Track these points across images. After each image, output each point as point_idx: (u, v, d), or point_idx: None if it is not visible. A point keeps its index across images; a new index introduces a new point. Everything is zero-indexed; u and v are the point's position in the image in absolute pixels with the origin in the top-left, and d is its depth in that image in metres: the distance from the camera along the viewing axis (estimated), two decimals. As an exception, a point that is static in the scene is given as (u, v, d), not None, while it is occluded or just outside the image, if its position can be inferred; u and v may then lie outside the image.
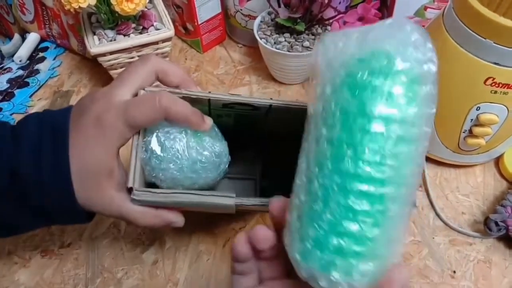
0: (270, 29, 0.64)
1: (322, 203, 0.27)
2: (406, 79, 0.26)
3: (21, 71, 0.72)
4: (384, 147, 0.26)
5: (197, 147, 0.38)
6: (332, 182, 0.26)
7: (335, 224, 0.26)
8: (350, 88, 0.27)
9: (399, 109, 0.26)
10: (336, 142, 0.27)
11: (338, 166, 0.26)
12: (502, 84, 0.44)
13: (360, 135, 0.26)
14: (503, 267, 0.48)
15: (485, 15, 0.41)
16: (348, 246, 0.26)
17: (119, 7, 0.55)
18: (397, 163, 0.26)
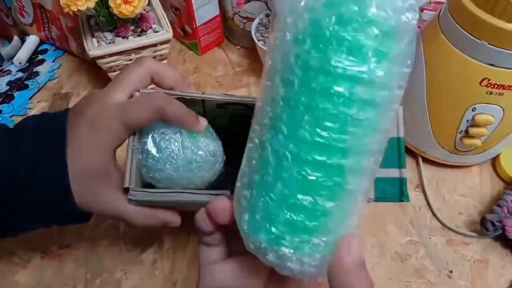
0: (268, 31, 0.64)
1: (274, 172, 0.25)
2: (379, 32, 0.22)
3: (21, 74, 0.72)
4: (347, 111, 0.23)
5: (192, 147, 0.39)
6: (286, 149, 0.24)
7: (287, 196, 0.24)
8: (313, 38, 0.23)
9: (368, 68, 0.23)
10: (293, 103, 0.24)
11: (293, 132, 0.24)
12: (498, 85, 0.45)
13: (320, 97, 0.23)
14: (499, 266, 0.48)
15: (480, 17, 0.41)
16: (300, 220, 0.24)
17: (117, 10, 0.55)
18: (360, 131, 0.24)
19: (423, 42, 0.49)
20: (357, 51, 0.22)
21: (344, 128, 0.23)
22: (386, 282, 0.47)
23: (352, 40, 0.22)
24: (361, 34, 0.22)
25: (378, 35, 0.22)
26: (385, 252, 0.50)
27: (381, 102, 0.24)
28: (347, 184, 0.24)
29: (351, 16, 0.22)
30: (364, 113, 0.23)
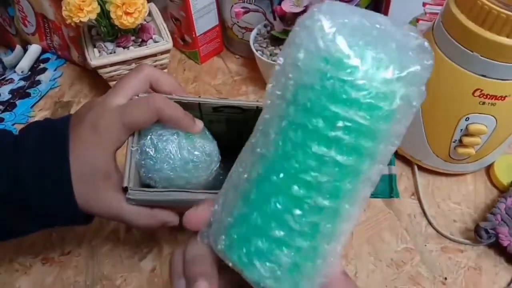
0: (266, 41, 0.65)
1: (250, 207, 0.26)
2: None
3: (23, 82, 0.73)
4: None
5: (189, 148, 0.40)
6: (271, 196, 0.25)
7: (264, 228, 0.25)
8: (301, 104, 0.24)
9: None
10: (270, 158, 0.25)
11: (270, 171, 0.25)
12: (490, 95, 0.45)
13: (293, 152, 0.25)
14: (493, 274, 0.49)
15: (472, 29, 0.42)
16: (273, 252, 0.25)
17: (118, 21, 0.56)
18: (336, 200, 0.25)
19: (418, 53, 0.50)
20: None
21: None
22: (381, 288, 0.48)
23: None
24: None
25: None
26: (380, 259, 0.50)
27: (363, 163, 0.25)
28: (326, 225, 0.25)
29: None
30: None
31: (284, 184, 0.25)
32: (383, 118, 0.24)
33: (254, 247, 0.25)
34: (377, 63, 0.23)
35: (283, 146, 0.25)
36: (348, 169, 0.25)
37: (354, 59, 0.23)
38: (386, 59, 0.23)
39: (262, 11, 0.63)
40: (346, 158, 0.24)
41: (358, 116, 0.23)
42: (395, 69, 0.23)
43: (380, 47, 0.23)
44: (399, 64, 0.23)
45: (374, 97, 0.23)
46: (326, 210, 0.25)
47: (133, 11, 0.56)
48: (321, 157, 0.24)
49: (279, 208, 0.25)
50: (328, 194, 0.25)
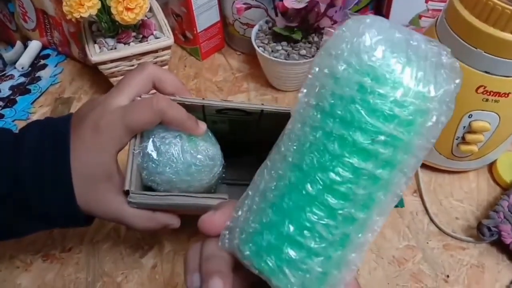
0: (267, 37, 0.65)
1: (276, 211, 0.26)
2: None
3: (23, 78, 0.73)
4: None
5: (191, 151, 0.39)
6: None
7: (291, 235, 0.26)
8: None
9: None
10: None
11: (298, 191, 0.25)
12: (493, 92, 0.45)
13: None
14: (495, 271, 0.49)
15: (476, 26, 0.42)
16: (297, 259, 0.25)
17: (119, 16, 0.56)
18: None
19: (420, 50, 0.50)
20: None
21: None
22: (383, 286, 0.48)
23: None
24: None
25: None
26: (382, 257, 0.50)
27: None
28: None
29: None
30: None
31: (319, 195, 0.25)
32: (419, 133, 0.25)
33: (286, 255, 0.25)
34: (417, 80, 0.24)
35: (320, 157, 0.25)
36: (383, 182, 0.25)
37: (397, 75, 0.24)
38: (425, 76, 0.24)
39: (264, 7, 0.63)
40: (382, 171, 0.25)
41: (398, 131, 0.24)
42: (433, 87, 0.24)
43: (418, 64, 0.24)
44: (436, 83, 0.24)
45: (413, 113, 0.24)
46: (358, 221, 0.25)
47: (134, 6, 0.56)
48: (359, 169, 0.24)
49: (313, 218, 0.25)
50: (362, 205, 0.25)
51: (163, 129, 0.39)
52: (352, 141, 0.24)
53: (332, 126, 0.25)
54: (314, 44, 0.63)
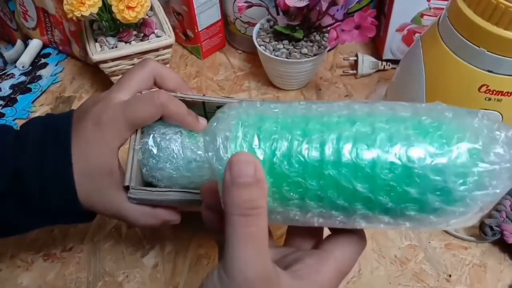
0: (269, 36, 0.65)
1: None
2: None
3: (24, 77, 0.73)
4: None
5: (192, 147, 0.39)
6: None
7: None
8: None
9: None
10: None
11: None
12: (496, 91, 0.45)
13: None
14: (498, 271, 0.49)
15: (478, 24, 0.42)
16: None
17: (120, 15, 0.56)
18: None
19: (423, 48, 0.50)
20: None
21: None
22: (385, 285, 0.48)
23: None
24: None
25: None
26: (384, 256, 0.50)
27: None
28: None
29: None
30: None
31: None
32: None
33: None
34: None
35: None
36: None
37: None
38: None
39: (265, 5, 0.63)
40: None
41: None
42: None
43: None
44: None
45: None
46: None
47: (135, 5, 0.56)
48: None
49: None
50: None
51: (164, 125, 0.39)
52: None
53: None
54: (316, 43, 0.63)
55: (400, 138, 0.26)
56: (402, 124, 0.27)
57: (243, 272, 0.26)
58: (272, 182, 0.27)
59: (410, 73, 0.53)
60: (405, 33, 0.67)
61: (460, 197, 0.26)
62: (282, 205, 0.28)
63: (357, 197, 0.27)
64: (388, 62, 0.70)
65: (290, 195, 0.27)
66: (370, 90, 0.69)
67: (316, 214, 0.28)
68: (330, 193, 0.27)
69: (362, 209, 0.27)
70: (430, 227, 0.28)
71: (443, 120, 0.27)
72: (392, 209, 0.27)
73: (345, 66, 0.72)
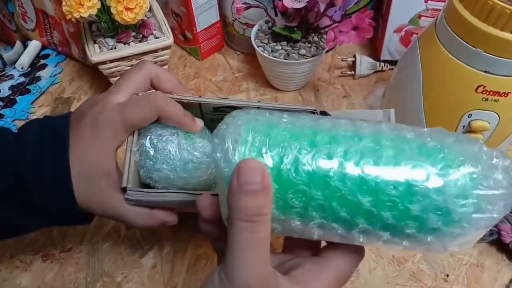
0: (267, 37, 0.65)
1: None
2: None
3: (23, 78, 0.73)
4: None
5: (188, 148, 0.39)
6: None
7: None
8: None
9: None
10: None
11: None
12: (493, 91, 0.45)
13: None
14: (495, 271, 0.49)
15: (475, 25, 0.42)
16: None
17: (119, 16, 0.56)
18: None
19: (420, 49, 0.50)
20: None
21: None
22: (383, 285, 0.48)
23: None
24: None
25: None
26: (382, 256, 0.50)
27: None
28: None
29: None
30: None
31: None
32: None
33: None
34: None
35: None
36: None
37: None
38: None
39: (264, 7, 0.63)
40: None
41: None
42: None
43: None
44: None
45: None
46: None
47: (134, 6, 0.56)
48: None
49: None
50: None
51: (160, 127, 0.40)
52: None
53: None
54: (314, 44, 0.63)
55: (405, 156, 0.27)
56: (407, 144, 0.28)
57: (244, 277, 0.26)
58: (277, 189, 0.28)
59: (408, 74, 0.53)
60: (402, 34, 0.67)
61: (459, 218, 0.26)
62: (285, 213, 0.28)
63: (359, 211, 0.27)
64: (386, 63, 0.71)
65: (294, 203, 0.28)
66: (368, 91, 0.69)
67: (316, 226, 0.28)
68: (333, 204, 0.27)
69: (363, 223, 0.27)
70: (425, 248, 0.28)
71: (446, 143, 0.28)
72: (392, 226, 0.27)
73: (343, 67, 0.72)
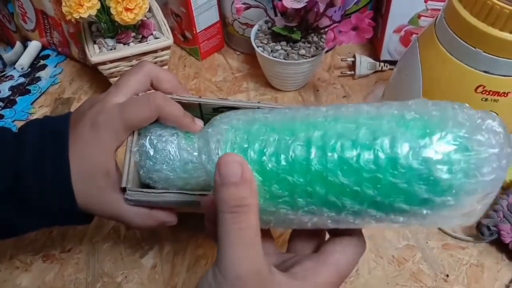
0: (267, 37, 0.65)
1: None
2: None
3: (23, 79, 0.73)
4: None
5: (188, 149, 0.40)
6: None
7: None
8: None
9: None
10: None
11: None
12: (492, 92, 0.45)
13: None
14: (495, 270, 0.49)
15: (475, 25, 0.42)
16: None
17: (119, 17, 0.56)
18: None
19: (420, 49, 0.50)
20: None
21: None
22: (383, 286, 0.48)
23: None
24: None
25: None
26: (382, 256, 0.50)
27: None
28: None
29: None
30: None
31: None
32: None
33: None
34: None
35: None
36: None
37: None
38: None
39: (263, 7, 0.63)
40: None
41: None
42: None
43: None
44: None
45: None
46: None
47: (133, 7, 0.56)
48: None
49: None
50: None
51: (160, 127, 0.40)
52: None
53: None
54: (314, 44, 0.63)
55: (383, 131, 0.27)
56: (385, 119, 0.27)
57: (235, 269, 0.26)
58: (262, 181, 0.28)
59: (407, 74, 0.53)
60: (402, 34, 0.67)
61: (448, 186, 0.25)
62: (274, 205, 0.29)
63: (344, 192, 0.27)
64: (385, 63, 0.71)
65: (280, 193, 0.28)
66: (367, 91, 0.69)
67: (306, 212, 0.29)
68: (318, 189, 0.27)
69: (351, 204, 0.27)
70: (425, 223, 0.27)
71: (425, 112, 0.27)
72: (381, 203, 0.27)
73: (343, 67, 0.72)
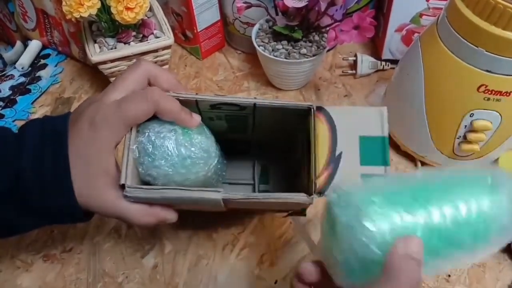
0: (268, 36, 0.65)
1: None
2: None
3: (23, 78, 0.73)
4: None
5: (186, 144, 0.40)
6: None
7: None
8: None
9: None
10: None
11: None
12: (495, 91, 0.45)
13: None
14: (497, 271, 0.49)
15: (477, 24, 0.42)
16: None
17: (119, 16, 0.56)
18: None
19: (422, 48, 0.50)
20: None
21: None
22: (384, 286, 0.48)
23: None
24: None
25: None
26: (384, 256, 0.50)
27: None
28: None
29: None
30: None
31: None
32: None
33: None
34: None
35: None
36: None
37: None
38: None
39: (264, 6, 0.63)
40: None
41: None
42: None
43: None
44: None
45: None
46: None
47: (134, 6, 0.56)
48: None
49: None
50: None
51: (158, 123, 0.40)
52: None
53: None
54: (315, 43, 0.63)
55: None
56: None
57: None
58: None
59: (409, 73, 0.53)
60: (404, 33, 0.67)
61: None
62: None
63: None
64: (387, 62, 0.70)
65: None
66: (369, 90, 0.69)
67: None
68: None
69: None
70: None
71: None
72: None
73: (344, 66, 0.72)
